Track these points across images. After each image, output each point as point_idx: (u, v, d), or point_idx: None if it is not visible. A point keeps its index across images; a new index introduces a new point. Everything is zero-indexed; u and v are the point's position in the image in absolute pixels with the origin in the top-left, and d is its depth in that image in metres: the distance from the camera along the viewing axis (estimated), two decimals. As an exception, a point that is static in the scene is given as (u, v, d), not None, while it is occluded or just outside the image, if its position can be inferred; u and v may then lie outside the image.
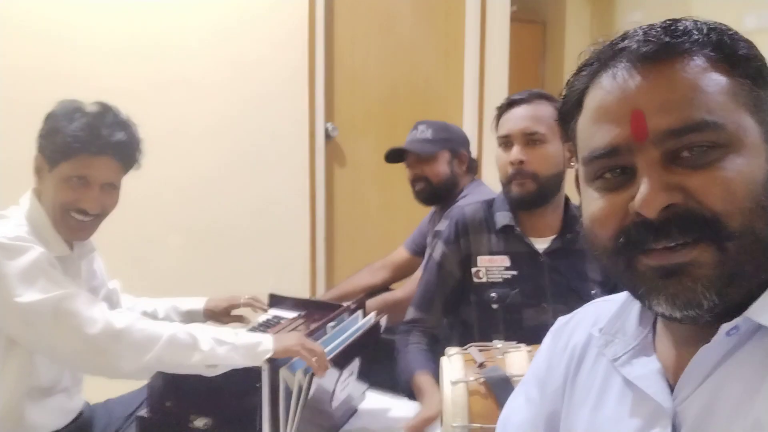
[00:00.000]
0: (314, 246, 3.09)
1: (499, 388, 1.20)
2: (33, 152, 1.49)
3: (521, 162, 1.58)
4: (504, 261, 1.61)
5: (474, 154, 3.14)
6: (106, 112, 1.49)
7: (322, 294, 3.09)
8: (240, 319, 1.85)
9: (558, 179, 1.61)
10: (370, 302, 2.05)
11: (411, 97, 3.28)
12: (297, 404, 1.47)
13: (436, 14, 3.30)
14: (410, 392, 1.67)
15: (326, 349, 1.59)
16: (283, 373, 1.44)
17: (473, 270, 1.64)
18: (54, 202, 1.44)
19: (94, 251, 1.63)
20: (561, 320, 0.87)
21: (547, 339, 0.87)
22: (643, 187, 0.59)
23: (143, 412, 1.52)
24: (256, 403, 1.43)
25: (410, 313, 1.76)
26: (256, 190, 2.92)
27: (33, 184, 1.50)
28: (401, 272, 2.50)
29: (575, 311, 0.86)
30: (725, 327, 0.60)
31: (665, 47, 0.61)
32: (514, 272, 1.61)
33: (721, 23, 0.63)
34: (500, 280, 1.61)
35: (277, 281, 2.96)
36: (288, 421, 1.45)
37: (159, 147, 2.60)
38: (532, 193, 1.58)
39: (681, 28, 0.62)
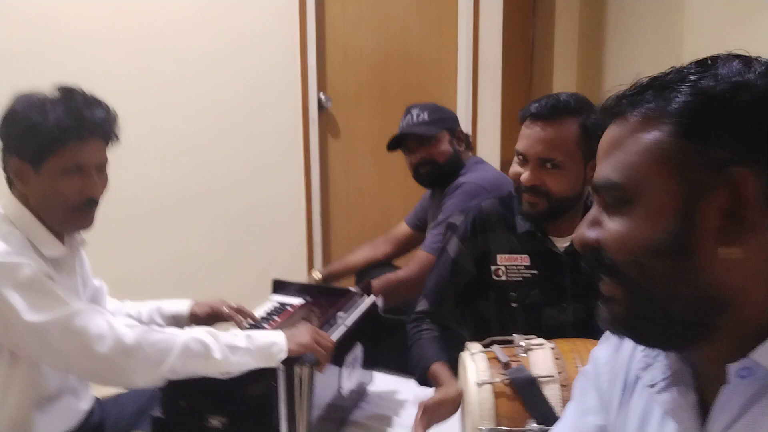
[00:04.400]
0: (310, 219, 3.05)
1: (525, 390, 1.19)
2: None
3: (533, 184, 1.51)
4: (524, 260, 1.58)
5: (468, 127, 3.13)
6: (72, 93, 1.39)
7: (320, 266, 3.09)
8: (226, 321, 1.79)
9: (573, 200, 1.54)
10: (374, 283, 2.03)
11: (404, 64, 3.20)
12: (305, 397, 1.46)
13: (428, -23, 3.20)
14: (424, 381, 1.65)
15: (337, 332, 1.58)
16: (297, 369, 1.42)
17: (492, 268, 1.61)
18: (54, 200, 1.37)
19: (84, 244, 1.57)
20: None
21: (608, 350, 0.85)
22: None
23: (157, 412, 1.50)
24: (272, 400, 1.41)
25: (422, 305, 1.74)
26: (251, 163, 2.87)
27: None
28: (403, 247, 2.49)
29: None
30: (733, 368, 0.61)
31: (617, 106, 0.67)
32: (535, 271, 1.58)
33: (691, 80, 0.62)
34: (520, 279, 1.58)
35: (275, 255, 2.94)
36: (302, 413, 1.44)
37: (151, 120, 2.57)
38: (542, 212, 1.53)
39: (635, 90, 0.65)
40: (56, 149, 1.34)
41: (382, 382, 2.08)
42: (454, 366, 1.48)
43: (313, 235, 3.08)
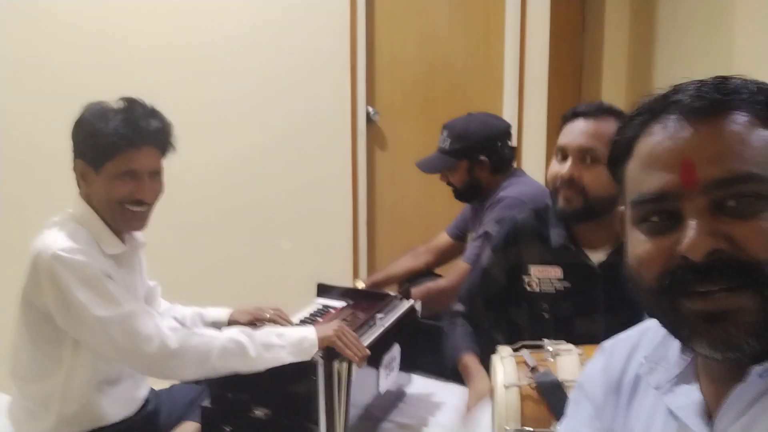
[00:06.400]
0: (356, 228, 3.14)
1: (550, 394, 1.24)
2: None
3: (572, 177, 1.53)
4: (557, 272, 1.61)
5: (513, 139, 3.15)
6: (134, 104, 1.53)
7: (365, 273, 3.17)
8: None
9: (609, 201, 1.51)
10: (415, 291, 2.10)
11: (449, 79, 3.27)
12: (342, 393, 1.55)
13: (476, -6, 3.27)
14: (456, 372, 1.72)
15: (370, 334, 1.66)
16: (337, 364, 1.51)
17: (525, 279, 1.65)
18: (109, 200, 1.51)
19: (144, 245, 1.70)
20: (613, 341, 0.89)
21: (601, 359, 0.89)
22: (690, 231, 0.63)
23: (206, 403, 1.61)
24: (313, 392, 1.50)
25: (457, 307, 1.82)
26: (300, 174, 2.98)
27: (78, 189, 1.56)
28: (443, 256, 2.55)
29: (628, 330, 0.88)
30: (757, 369, 0.65)
31: (716, 103, 0.65)
32: (567, 284, 1.60)
33: None
34: (553, 291, 1.61)
35: (320, 264, 3.04)
36: (341, 407, 1.53)
37: (205, 135, 2.71)
38: (577, 210, 1.54)
39: (731, 86, 0.66)
40: (113, 154, 1.48)
41: (419, 384, 2.15)
42: (486, 365, 1.54)
43: (359, 244, 3.17)
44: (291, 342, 1.50)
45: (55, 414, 1.49)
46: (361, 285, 2.48)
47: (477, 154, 2.24)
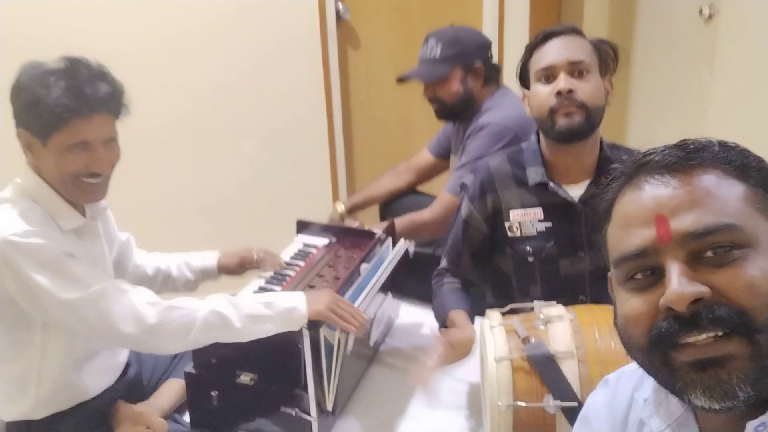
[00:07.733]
0: (332, 136, 2.99)
1: (543, 366, 1.20)
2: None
3: (569, 91, 1.46)
4: (537, 214, 1.56)
5: (494, 42, 2.93)
6: (77, 66, 1.35)
7: (344, 182, 3.07)
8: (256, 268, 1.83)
9: (601, 112, 1.52)
10: (398, 223, 2.03)
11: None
12: (337, 360, 1.51)
13: None
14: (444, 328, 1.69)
15: (362, 296, 1.60)
16: (324, 331, 1.46)
17: (506, 224, 1.59)
18: (61, 173, 1.36)
19: (107, 208, 1.59)
20: (617, 374, 0.88)
21: (605, 393, 0.88)
22: (672, 283, 0.63)
23: (190, 368, 1.57)
24: (299, 359, 1.46)
25: (442, 263, 1.74)
26: (269, 83, 2.78)
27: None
28: (426, 175, 2.45)
29: (633, 364, 0.83)
30: (752, 424, 0.64)
31: (683, 159, 0.68)
32: (549, 224, 1.55)
33: (733, 142, 0.71)
34: (535, 233, 1.56)
35: (299, 176, 2.93)
36: (331, 375, 1.50)
37: (165, 47, 2.50)
38: (581, 123, 1.47)
39: (695, 145, 0.69)
40: (60, 125, 1.32)
41: (407, 313, 2.14)
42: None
43: (336, 153, 3.03)
44: (279, 312, 1.43)
45: (33, 395, 1.45)
46: (341, 208, 2.39)
47: (472, 60, 2.09)
